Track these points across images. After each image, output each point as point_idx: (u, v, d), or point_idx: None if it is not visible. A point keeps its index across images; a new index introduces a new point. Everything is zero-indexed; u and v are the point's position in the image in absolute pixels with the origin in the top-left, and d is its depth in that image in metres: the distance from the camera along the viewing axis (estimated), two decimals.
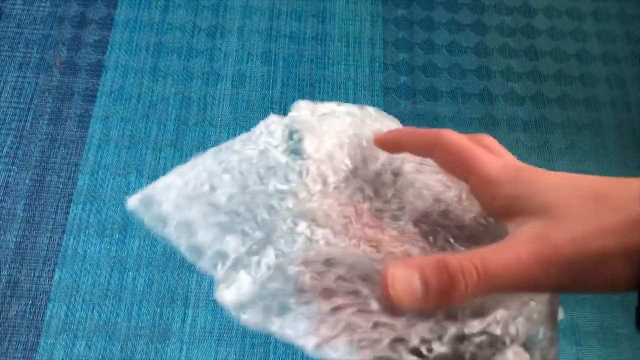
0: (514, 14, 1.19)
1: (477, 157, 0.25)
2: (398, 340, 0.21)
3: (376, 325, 0.22)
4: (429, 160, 0.28)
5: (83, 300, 0.88)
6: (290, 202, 0.26)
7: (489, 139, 0.27)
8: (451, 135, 0.26)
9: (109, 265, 0.90)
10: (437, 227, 0.27)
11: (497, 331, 0.22)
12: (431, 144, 0.27)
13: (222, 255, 0.24)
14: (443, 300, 0.21)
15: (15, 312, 0.86)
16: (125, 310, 0.88)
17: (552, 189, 0.22)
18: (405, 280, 0.21)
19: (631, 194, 0.21)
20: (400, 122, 0.34)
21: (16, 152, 0.97)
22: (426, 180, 0.29)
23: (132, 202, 0.26)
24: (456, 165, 0.26)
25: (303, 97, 1.10)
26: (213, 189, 0.26)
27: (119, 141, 0.99)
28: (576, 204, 0.21)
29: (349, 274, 0.23)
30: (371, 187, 0.29)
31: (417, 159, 0.30)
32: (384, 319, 0.21)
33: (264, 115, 0.29)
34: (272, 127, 0.28)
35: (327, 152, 0.28)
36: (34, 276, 0.89)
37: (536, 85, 1.12)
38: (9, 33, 1.06)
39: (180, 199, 0.25)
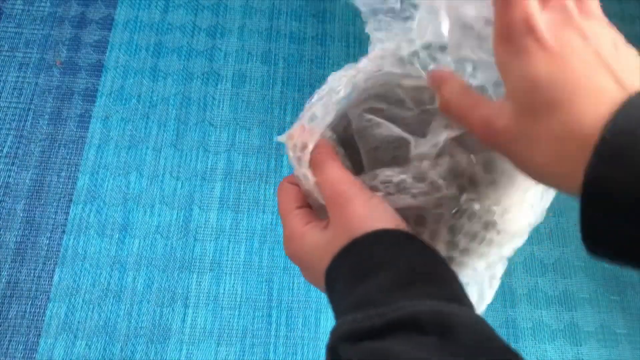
0: None
1: None
2: None
3: None
4: None
5: (83, 300, 0.88)
6: None
7: None
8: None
9: (109, 265, 0.90)
10: None
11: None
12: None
13: None
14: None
15: (15, 312, 0.86)
16: (125, 310, 0.88)
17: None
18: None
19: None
20: None
21: (16, 152, 0.97)
22: None
23: None
24: None
25: (303, 97, 1.10)
26: None
27: (119, 141, 0.99)
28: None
29: None
30: None
31: None
32: None
33: (264, 115, 0.29)
34: None
35: None
36: (34, 276, 0.89)
37: None
38: (9, 33, 1.06)
39: None
